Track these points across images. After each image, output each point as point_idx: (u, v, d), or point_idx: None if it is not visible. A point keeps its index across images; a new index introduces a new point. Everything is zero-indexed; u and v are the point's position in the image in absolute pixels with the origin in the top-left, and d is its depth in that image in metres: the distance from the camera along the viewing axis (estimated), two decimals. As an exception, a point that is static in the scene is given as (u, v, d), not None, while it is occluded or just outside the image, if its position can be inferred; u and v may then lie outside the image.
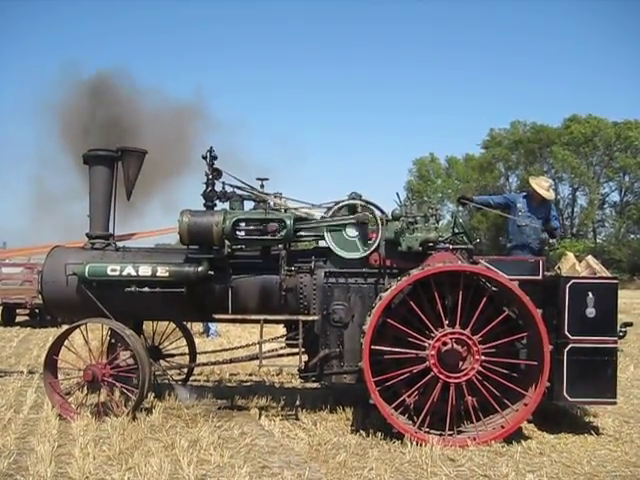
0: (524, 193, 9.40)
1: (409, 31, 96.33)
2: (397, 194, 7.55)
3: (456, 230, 7.82)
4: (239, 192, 7.70)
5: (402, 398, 6.76)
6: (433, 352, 6.61)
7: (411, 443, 6.37)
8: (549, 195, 9.15)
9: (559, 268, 7.59)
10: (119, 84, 8.64)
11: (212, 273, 7.42)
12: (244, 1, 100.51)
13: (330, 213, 7.42)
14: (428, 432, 6.63)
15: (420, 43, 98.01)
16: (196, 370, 9.70)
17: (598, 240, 59.61)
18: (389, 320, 6.69)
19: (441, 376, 6.60)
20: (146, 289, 7.42)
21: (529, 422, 7.13)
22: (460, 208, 47.35)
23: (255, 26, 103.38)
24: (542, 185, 9.16)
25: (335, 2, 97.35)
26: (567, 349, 6.78)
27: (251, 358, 8.10)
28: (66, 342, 7.51)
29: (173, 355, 9.14)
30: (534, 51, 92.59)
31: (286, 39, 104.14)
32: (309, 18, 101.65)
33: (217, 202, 7.64)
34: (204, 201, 7.62)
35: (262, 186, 7.73)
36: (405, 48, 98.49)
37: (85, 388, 7.44)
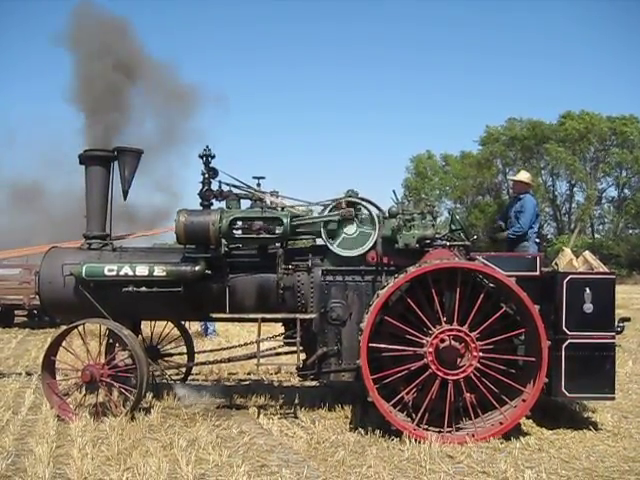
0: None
1: (405, 31, 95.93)
2: (394, 191, 7.57)
3: (453, 227, 7.82)
4: (235, 191, 7.69)
5: (400, 395, 6.77)
6: (431, 349, 6.61)
7: (410, 440, 6.37)
8: (521, 177, 9.25)
9: (556, 264, 7.59)
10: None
11: (209, 272, 7.42)
12: (241, 3, 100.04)
13: (326, 211, 7.41)
14: (427, 429, 6.62)
15: (416, 43, 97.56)
16: (195, 369, 9.69)
17: (596, 235, 59.65)
18: (387, 317, 6.69)
19: (439, 373, 6.60)
20: (143, 289, 7.41)
21: (527, 418, 7.13)
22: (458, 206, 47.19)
23: (252, 27, 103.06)
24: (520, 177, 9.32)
25: (333, 2, 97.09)
26: (565, 345, 6.78)
27: (249, 357, 8.09)
28: (64, 343, 7.50)
29: (171, 355, 9.14)
30: (529, 49, 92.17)
31: (284, 39, 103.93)
32: (307, 18, 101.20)
33: (214, 201, 7.63)
34: (200, 200, 7.61)
35: (259, 185, 7.73)
36: (401, 48, 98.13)
37: (83, 389, 7.44)
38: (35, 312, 18.90)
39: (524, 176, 9.33)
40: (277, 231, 7.27)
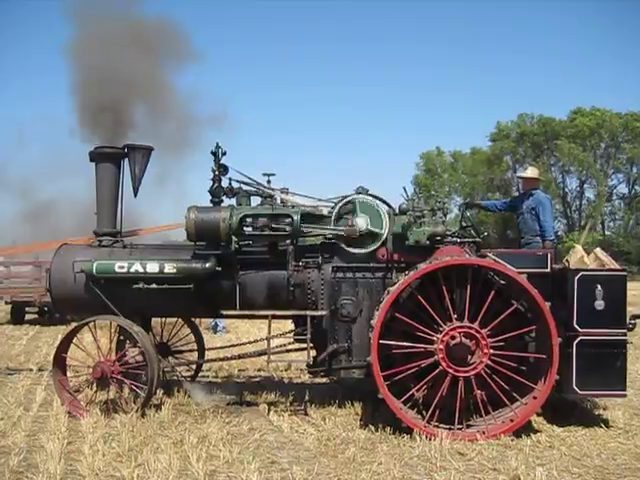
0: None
1: (415, 28, 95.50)
2: (404, 188, 7.55)
3: (464, 224, 7.80)
4: (246, 188, 7.69)
5: (411, 392, 6.76)
6: (441, 346, 6.60)
7: (420, 437, 6.37)
8: (531, 173, 9.22)
9: (567, 260, 7.56)
10: None
11: (220, 269, 7.42)
12: (246, 2, 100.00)
13: (336, 209, 7.40)
14: (437, 426, 6.62)
15: (427, 40, 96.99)
16: (205, 366, 9.71)
17: (607, 232, 59.34)
18: (397, 314, 6.68)
19: (450, 370, 6.59)
20: (154, 286, 7.42)
21: (538, 415, 7.12)
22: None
23: (258, 25, 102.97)
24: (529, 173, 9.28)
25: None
26: (576, 342, 6.76)
27: (259, 354, 8.08)
28: (75, 339, 7.53)
29: (182, 351, 9.16)
30: (539, 46, 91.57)
31: (290, 37, 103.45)
32: (314, 16, 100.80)
33: (224, 198, 7.63)
34: (211, 197, 7.61)
35: (269, 182, 7.72)
36: (411, 45, 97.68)
37: (94, 385, 7.46)
38: (46, 309, 18.95)
39: (534, 172, 9.33)
40: (287, 228, 7.27)
